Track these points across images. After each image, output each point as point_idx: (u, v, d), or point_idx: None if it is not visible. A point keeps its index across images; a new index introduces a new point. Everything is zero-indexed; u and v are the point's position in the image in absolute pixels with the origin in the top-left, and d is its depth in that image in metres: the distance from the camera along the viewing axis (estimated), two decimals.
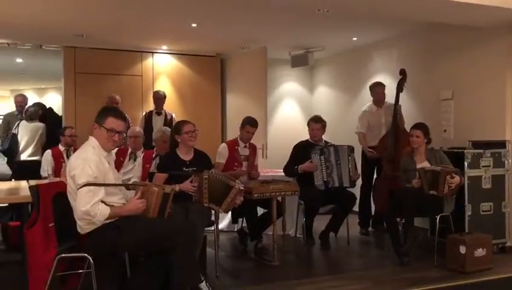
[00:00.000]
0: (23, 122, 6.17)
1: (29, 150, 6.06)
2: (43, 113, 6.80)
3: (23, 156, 6.01)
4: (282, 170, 5.16)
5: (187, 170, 4.02)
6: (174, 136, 4.14)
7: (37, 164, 5.88)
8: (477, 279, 3.93)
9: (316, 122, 5.14)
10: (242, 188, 3.84)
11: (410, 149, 4.60)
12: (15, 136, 6.00)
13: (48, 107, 7.07)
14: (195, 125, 4.16)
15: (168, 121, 6.42)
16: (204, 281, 3.15)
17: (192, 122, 4.16)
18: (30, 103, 7.01)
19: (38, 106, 6.98)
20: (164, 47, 7.05)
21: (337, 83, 7.61)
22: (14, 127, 6.22)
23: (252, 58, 6.87)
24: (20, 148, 6.03)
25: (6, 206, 4.63)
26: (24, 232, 3.10)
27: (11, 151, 5.54)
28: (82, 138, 3.83)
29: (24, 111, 6.40)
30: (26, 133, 6.10)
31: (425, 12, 4.50)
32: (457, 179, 4.20)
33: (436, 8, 4.33)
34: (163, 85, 7.17)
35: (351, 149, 5.06)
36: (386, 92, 5.70)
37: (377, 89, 5.65)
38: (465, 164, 4.60)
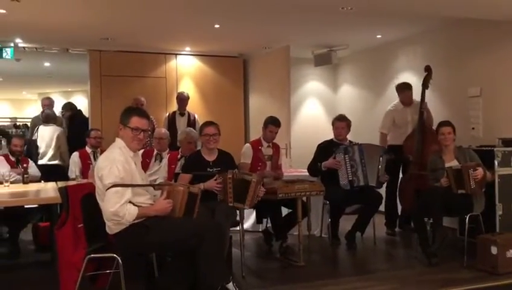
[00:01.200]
0: (41, 126, 6.22)
1: (49, 154, 6.08)
2: (71, 114, 6.95)
3: (44, 160, 6.00)
4: (306, 170, 5.13)
5: (211, 170, 4.04)
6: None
7: (56, 168, 5.95)
8: (510, 280, 3.82)
9: (341, 121, 5.09)
10: (259, 179, 3.83)
11: (438, 148, 4.51)
12: (34, 141, 6.01)
13: (78, 109, 7.20)
14: (219, 128, 4.17)
15: (191, 122, 6.47)
16: (231, 281, 3.15)
17: (215, 126, 4.16)
18: (57, 105, 7.17)
19: (69, 106, 7.12)
20: (187, 48, 7.10)
21: (361, 82, 7.52)
22: (34, 131, 6.30)
23: (275, 58, 6.86)
24: (40, 152, 6.05)
25: (36, 207, 4.72)
26: (54, 233, 3.16)
27: (30, 156, 5.62)
28: (108, 140, 3.89)
29: (41, 114, 6.47)
30: (44, 137, 6.11)
31: (454, 7, 4.42)
32: (480, 171, 4.12)
33: (465, 3, 4.24)
34: (187, 86, 7.23)
35: (384, 150, 4.98)
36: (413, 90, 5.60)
37: (406, 92, 5.52)
38: (496, 162, 4.50)
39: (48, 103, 6.71)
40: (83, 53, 6.95)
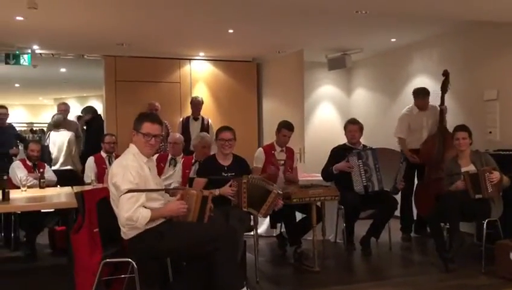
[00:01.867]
0: (52, 132, 6.26)
1: (61, 160, 6.10)
2: (91, 118, 7.02)
3: (57, 166, 6.01)
4: (319, 174, 5.10)
5: (226, 175, 4.04)
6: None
7: (69, 173, 5.98)
8: None
9: (353, 124, 5.06)
10: (280, 192, 3.82)
11: (455, 153, 4.46)
12: (46, 147, 6.03)
13: (98, 113, 7.26)
14: (235, 133, 4.18)
15: (205, 127, 6.49)
16: (245, 287, 3.14)
17: (232, 131, 4.15)
18: (73, 111, 7.25)
19: (90, 109, 7.19)
20: (201, 54, 7.14)
21: (375, 85, 7.48)
22: (46, 137, 6.35)
23: (289, 62, 6.85)
24: (53, 158, 6.07)
25: (52, 211, 4.77)
26: (70, 237, 3.19)
27: (44, 161, 5.68)
28: (123, 145, 3.92)
29: (51, 119, 6.49)
30: (55, 142, 6.15)
31: (470, 10, 4.36)
32: (496, 173, 4.07)
33: (485, 6, 4.18)
34: (201, 91, 7.26)
35: (404, 157, 4.93)
36: None
37: (423, 98, 5.44)
38: None
39: (64, 109, 6.79)
40: (98, 59, 7.02)
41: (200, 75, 7.37)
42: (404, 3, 4.14)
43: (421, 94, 5.46)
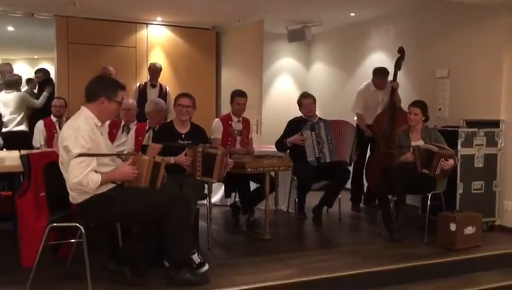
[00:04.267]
0: (2, 92, 6.02)
1: (15, 121, 5.92)
2: (44, 80, 6.73)
3: (10, 127, 5.84)
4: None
5: (182, 142, 4.01)
6: None
7: (23, 135, 5.80)
8: (466, 256, 3.98)
9: (308, 98, 5.14)
10: (224, 151, 3.86)
11: (406, 127, 4.60)
12: None
13: (50, 77, 6.98)
14: (195, 102, 4.13)
15: (163, 94, 6.36)
16: (196, 253, 3.16)
17: (191, 98, 4.12)
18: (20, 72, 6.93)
19: (43, 71, 6.87)
20: (159, 18, 6.93)
21: (333, 60, 7.54)
22: None
23: (249, 32, 6.77)
24: (6, 120, 5.87)
25: None
26: (15, 201, 3.09)
27: None
28: (75, 109, 3.77)
29: (2, 80, 6.25)
30: (6, 103, 5.93)
31: None
32: (451, 162, 4.20)
33: None
34: (158, 57, 7.08)
35: (356, 130, 5.09)
36: None
37: (382, 78, 5.53)
38: (459, 142, 4.61)
39: (5, 70, 6.48)
40: (49, 18, 6.68)
41: (157, 40, 7.17)
42: None
43: (381, 74, 5.56)
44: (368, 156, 5.62)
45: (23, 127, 5.96)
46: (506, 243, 4.38)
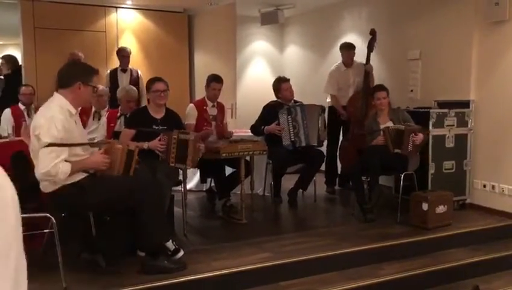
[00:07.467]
0: None
1: None
2: (14, 70, 6.50)
3: None
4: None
5: (157, 128, 3.95)
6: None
7: None
8: (438, 234, 4.08)
9: (286, 82, 5.12)
10: (195, 136, 3.84)
11: (373, 111, 4.65)
12: None
13: (20, 64, 6.73)
14: (168, 84, 4.06)
15: (134, 78, 6.24)
16: (170, 240, 3.15)
17: (164, 81, 4.05)
18: None
19: (8, 58, 6.64)
20: (129, 2, 6.76)
21: (307, 42, 7.52)
22: None
23: (221, 15, 6.68)
24: None
25: None
26: None
27: None
28: (44, 96, 3.68)
29: None
30: None
31: None
32: (420, 136, 4.28)
33: None
34: (128, 42, 6.92)
35: (322, 109, 5.07)
36: (356, 51, 5.66)
37: (347, 52, 5.58)
38: (430, 123, 4.69)
39: None
40: (14, 2, 6.44)
41: (127, 24, 7.00)
42: None
43: (346, 48, 5.59)
44: (340, 138, 5.66)
45: None
46: (476, 220, 4.51)
